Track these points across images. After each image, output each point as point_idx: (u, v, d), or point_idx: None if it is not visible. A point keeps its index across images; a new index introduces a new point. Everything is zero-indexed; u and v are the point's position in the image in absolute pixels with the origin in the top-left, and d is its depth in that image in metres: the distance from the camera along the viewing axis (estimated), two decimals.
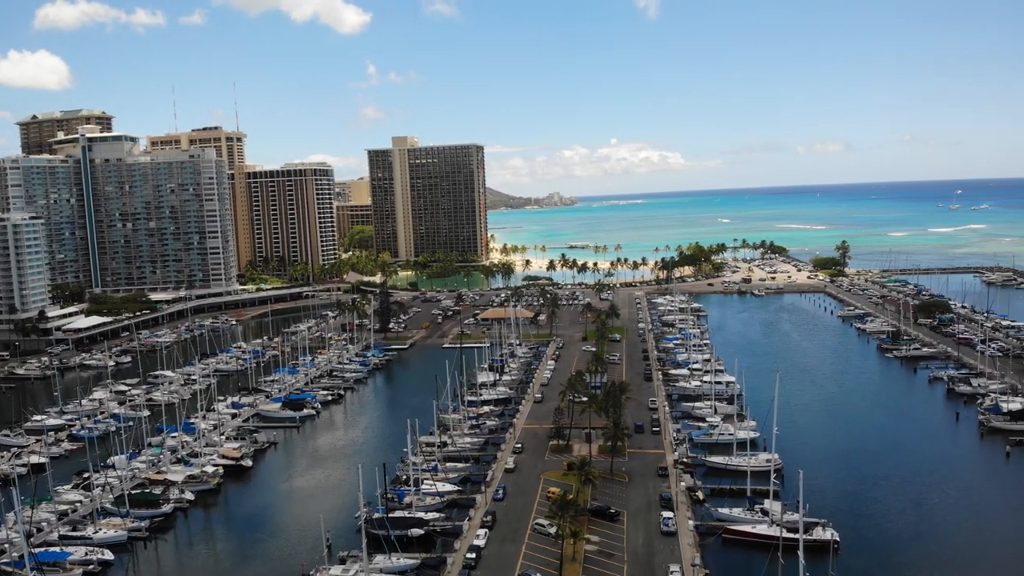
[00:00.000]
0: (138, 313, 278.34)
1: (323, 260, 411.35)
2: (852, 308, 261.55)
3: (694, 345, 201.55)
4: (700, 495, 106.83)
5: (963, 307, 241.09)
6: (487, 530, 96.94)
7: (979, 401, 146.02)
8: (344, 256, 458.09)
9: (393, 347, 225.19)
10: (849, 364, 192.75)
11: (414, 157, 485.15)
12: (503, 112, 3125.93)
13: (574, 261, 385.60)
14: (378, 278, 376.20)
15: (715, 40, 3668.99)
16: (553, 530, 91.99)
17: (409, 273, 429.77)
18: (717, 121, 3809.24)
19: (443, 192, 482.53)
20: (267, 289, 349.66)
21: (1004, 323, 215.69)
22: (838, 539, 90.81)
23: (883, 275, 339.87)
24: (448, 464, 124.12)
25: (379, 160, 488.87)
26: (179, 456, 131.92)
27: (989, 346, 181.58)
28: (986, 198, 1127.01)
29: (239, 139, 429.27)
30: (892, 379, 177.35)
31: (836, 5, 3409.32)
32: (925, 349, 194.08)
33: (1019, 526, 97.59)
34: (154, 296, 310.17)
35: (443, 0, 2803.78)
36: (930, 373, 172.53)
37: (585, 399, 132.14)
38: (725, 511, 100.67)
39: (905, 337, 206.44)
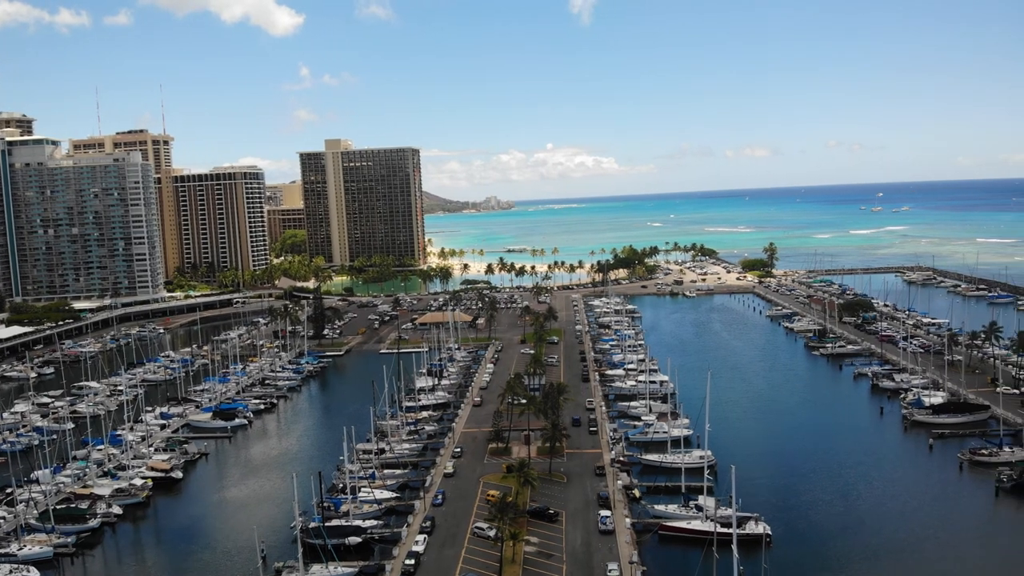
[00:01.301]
0: (61, 322, 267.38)
1: (254, 266, 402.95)
2: (780, 308, 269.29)
3: (629, 346, 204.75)
4: (637, 493, 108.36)
5: (885, 306, 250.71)
6: (426, 536, 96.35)
7: (902, 396, 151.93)
8: (276, 261, 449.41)
9: (328, 354, 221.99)
10: (777, 362, 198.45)
11: (348, 160, 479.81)
12: (440, 116, 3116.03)
13: (512, 265, 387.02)
14: (312, 283, 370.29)
15: (647, 47, 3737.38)
16: (493, 533, 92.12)
17: (344, 278, 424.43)
18: (650, 127, 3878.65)
19: (378, 196, 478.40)
20: (196, 296, 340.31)
21: (925, 320, 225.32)
22: (770, 532, 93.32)
23: (809, 275, 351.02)
24: (386, 471, 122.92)
25: (312, 163, 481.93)
26: (106, 469, 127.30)
27: (911, 343, 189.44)
28: (906, 200, 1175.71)
29: (166, 142, 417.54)
30: (819, 376, 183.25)
31: (763, 14, 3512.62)
32: (850, 346, 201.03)
33: (941, 515, 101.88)
34: (78, 305, 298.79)
35: (378, 2, 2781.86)
36: (855, 369, 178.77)
37: (524, 401, 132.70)
38: (661, 508, 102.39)
39: (831, 335, 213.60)
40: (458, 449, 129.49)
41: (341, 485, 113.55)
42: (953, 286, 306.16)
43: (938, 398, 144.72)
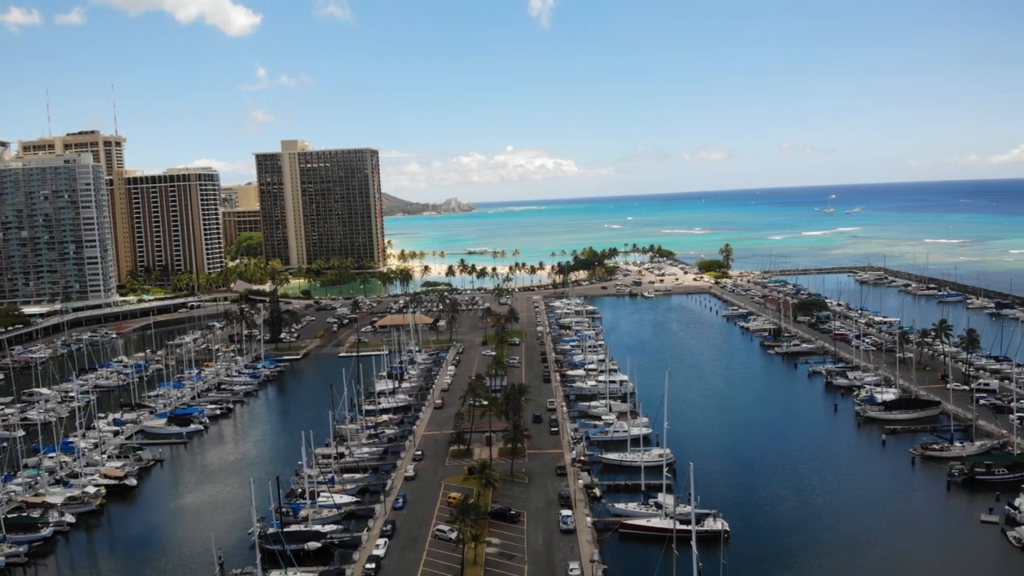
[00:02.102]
0: (10, 328, 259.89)
1: (209, 269, 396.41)
2: (736, 308, 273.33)
3: (589, 346, 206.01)
4: (597, 492, 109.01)
5: (838, 305, 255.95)
6: (387, 539, 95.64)
7: (855, 393, 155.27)
8: (231, 264, 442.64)
9: (285, 358, 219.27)
10: (734, 360, 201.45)
11: (305, 161, 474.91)
12: (399, 117, 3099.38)
13: (473, 266, 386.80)
14: (268, 286, 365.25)
15: (606, 51, 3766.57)
16: (454, 535, 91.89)
17: (301, 281, 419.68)
18: (609, 130, 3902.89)
19: (337, 197, 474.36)
20: (149, 300, 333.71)
21: (877, 319, 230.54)
22: (728, 528, 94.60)
23: (764, 276, 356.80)
24: (345, 475, 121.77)
25: (268, 164, 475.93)
26: (58, 477, 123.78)
27: (863, 341, 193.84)
28: (858, 202, 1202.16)
29: (118, 144, 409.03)
30: (774, 374, 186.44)
31: (715, 18, 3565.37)
32: (804, 345, 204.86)
33: (894, 508, 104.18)
34: (27, 309, 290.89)
35: (336, 3, 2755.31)
36: (809, 367, 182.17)
37: (486, 403, 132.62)
38: (621, 506, 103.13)
39: (785, 334, 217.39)
40: (419, 452, 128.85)
41: (300, 490, 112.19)
42: (904, 285, 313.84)
43: (890, 395, 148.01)
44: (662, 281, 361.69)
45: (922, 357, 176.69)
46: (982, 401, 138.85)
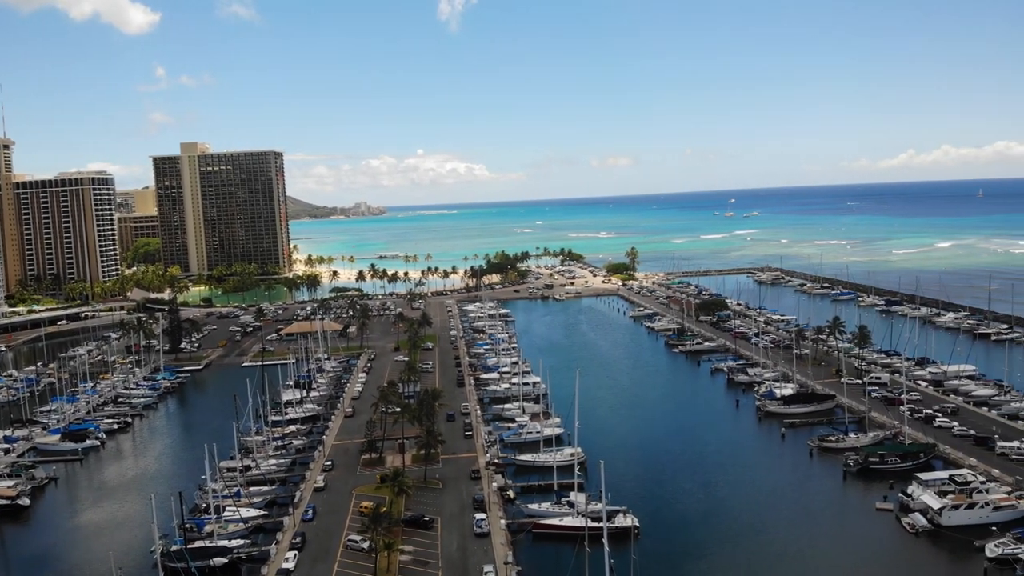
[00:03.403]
0: None
1: (104, 277, 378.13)
2: (642, 308, 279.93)
3: (503, 349, 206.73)
4: (511, 494, 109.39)
5: (738, 304, 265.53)
6: (296, 552, 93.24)
7: (755, 388, 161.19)
8: (128, 272, 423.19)
9: (186, 368, 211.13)
10: (641, 359, 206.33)
11: (206, 164, 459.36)
12: (306, 119, 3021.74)
13: (384, 271, 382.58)
14: (167, 295, 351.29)
15: (515, 57, 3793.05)
16: (366, 545, 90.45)
17: (202, 288, 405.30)
18: (519, 135, 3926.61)
19: (239, 201, 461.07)
20: (40, 310, 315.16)
21: (774, 317, 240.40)
22: (638, 524, 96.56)
23: (668, 277, 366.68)
24: (252, 488, 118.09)
25: (166, 168, 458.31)
26: None
27: (762, 339, 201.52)
28: (756, 206, 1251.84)
29: (6, 147, 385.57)
30: (679, 372, 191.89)
31: (621, 29, 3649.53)
32: (707, 343, 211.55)
33: (794, 498, 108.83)
34: None
35: (240, 1, 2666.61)
36: (712, 365, 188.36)
37: (398, 409, 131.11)
38: (534, 507, 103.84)
39: (689, 333, 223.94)
40: (329, 462, 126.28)
41: (204, 505, 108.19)
42: (799, 285, 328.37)
43: (788, 390, 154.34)
44: (572, 284, 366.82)
45: (817, 353, 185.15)
46: (874, 394, 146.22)
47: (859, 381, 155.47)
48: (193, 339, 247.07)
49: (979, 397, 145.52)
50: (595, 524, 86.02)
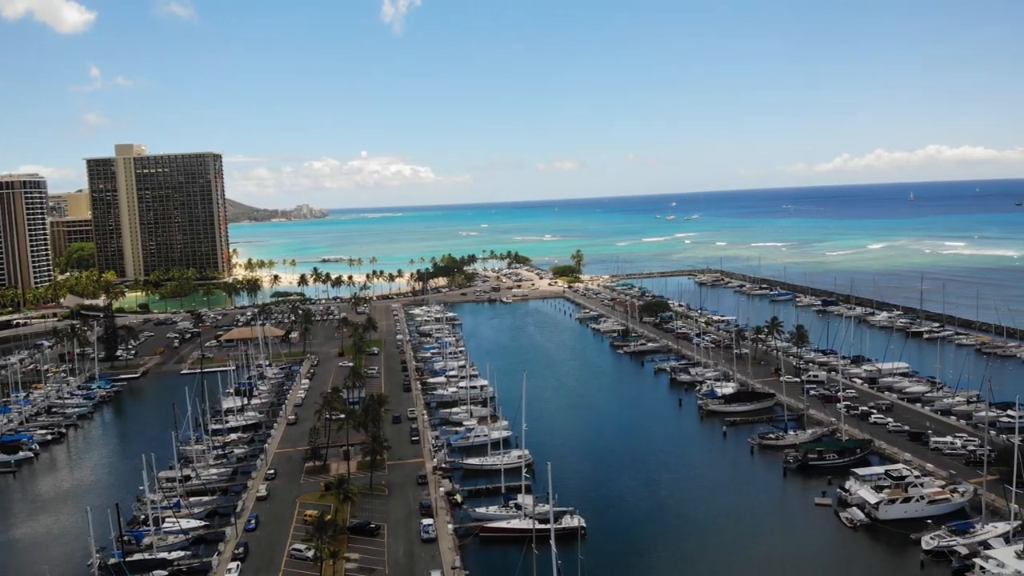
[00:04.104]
0: None
1: (36, 283, 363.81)
2: (587, 310, 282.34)
3: (450, 353, 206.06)
4: (459, 498, 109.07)
5: (680, 305, 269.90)
6: (239, 563, 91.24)
7: (697, 388, 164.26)
8: (61, 278, 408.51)
9: (122, 377, 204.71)
10: (586, 361, 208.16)
11: (142, 167, 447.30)
12: (246, 121, 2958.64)
13: (327, 275, 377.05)
14: (102, 301, 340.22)
15: (459, 59, 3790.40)
16: (311, 553, 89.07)
17: (139, 294, 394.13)
18: (466, 138, 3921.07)
19: (176, 204, 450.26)
20: None
21: (715, 318, 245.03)
22: (584, 524, 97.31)
23: (612, 280, 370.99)
24: (192, 499, 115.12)
25: (100, 170, 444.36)
26: None
27: (703, 339, 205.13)
28: (696, 209, 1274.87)
29: None
30: (624, 372, 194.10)
31: (563, 36, 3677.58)
32: (650, 344, 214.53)
33: (737, 495, 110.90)
34: None
35: (178, 1, 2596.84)
36: (655, 365, 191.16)
37: (343, 416, 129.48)
38: (482, 510, 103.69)
39: (633, 334, 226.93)
40: (271, 471, 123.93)
41: (143, 516, 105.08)
42: (739, 286, 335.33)
43: (729, 388, 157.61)
44: (519, 287, 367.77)
45: (757, 352, 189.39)
46: (812, 392, 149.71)
47: (797, 379, 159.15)
48: (129, 346, 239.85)
49: (912, 394, 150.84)
50: (542, 526, 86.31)
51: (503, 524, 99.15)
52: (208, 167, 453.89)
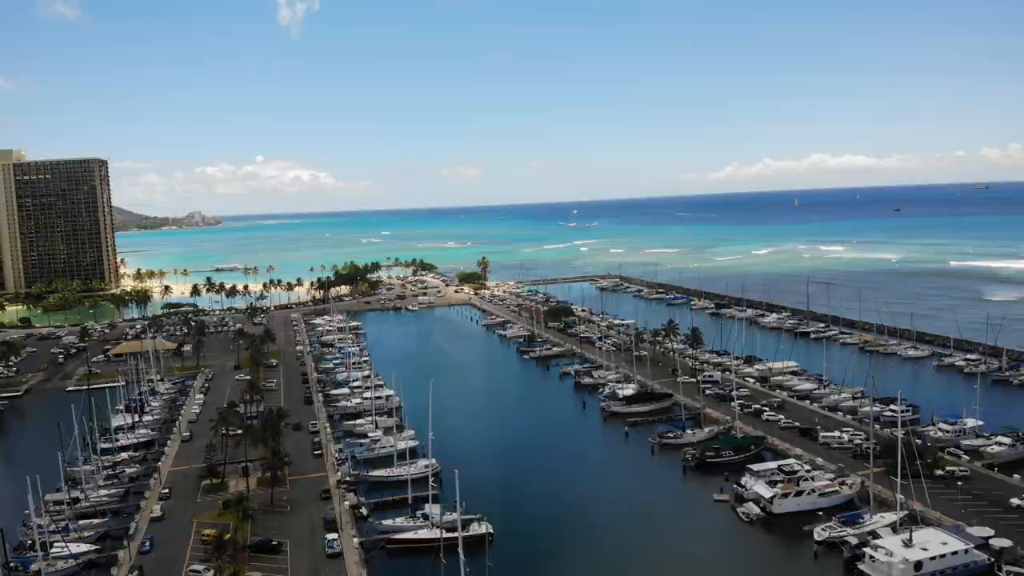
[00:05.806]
0: None
1: None
2: (494, 317, 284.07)
3: (354, 363, 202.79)
4: (364, 511, 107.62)
5: (583, 310, 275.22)
6: None
7: (600, 390, 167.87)
8: None
9: (3, 395, 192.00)
10: (494, 367, 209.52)
11: (21, 173, 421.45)
12: (135, 124, 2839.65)
13: (222, 285, 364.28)
14: None
15: (358, 65, 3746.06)
16: (210, 574, 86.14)
17: (19, 308, 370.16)
18: (366, 143, 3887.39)
19: (59, 213, 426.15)
20: None
21: (616, 322, 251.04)
22: (492, 531, 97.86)
23: (518, 286, 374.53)
24: (82, 522, 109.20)
25: None
26: None
27: (605, 342, 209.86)
28: (598, 216, 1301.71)
29: None
30: (530, 377, 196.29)
31: (462, 45, 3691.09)
32: (555, 349, 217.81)
33: (639, 492, 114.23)
34: None
35: (64, 1, 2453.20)
36: (560, 369, 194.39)
37: (240, 431, 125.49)
38: (388, 522, 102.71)
39: (539, 339, 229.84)
40: (166, 490, 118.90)
41: (30, 542, 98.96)
42: (637, 291, 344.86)
43: (630, 390, 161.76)
44: (425, 294, 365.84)
45: (655, 354, 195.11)
46: (707, 391, 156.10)
47: (693, 379, 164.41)
48: (10, 363, 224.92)
49: (802, 391, 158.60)
50: (450, 534, 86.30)
51: (410, 535, 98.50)
52: (93, 173, 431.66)
